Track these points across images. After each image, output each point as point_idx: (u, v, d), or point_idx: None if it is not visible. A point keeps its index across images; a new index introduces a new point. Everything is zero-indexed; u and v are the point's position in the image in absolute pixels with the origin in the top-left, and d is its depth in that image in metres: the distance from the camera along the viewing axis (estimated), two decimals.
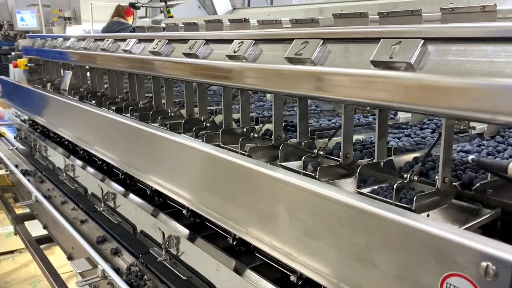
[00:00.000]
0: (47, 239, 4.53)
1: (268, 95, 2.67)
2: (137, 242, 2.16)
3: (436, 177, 1.16)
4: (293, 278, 1.31)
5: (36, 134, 3.62)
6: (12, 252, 6.00)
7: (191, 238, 1.67)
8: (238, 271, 1.43)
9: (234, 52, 1.55)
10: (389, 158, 1.34)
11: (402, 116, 2.03)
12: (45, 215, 3.41)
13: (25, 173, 3.60)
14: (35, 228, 5.40)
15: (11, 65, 6.66)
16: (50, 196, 3.14)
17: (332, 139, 1.57)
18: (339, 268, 1.00)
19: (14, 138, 4.19)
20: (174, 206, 1.95)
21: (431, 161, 1.34)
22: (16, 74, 5.88)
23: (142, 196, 2.13)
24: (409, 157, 1.45)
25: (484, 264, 0.74)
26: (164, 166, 1.66)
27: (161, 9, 9.67)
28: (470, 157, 1.17)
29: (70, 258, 3.06)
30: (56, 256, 5.68)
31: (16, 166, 3.80)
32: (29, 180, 3.40)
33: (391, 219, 0.88)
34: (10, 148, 4.17)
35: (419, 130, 1.86)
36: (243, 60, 1.52)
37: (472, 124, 1.71)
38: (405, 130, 1.87)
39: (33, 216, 4.75)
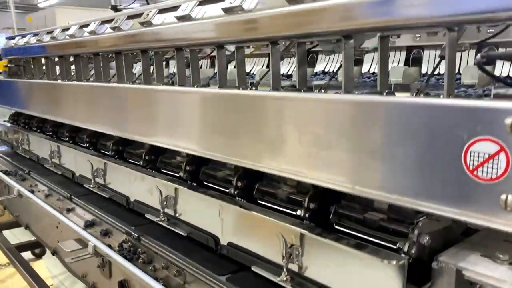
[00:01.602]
0: (27, 246, 4.40)
1: (257, 76, 2.68)
2: (128, 218, 2.11)
3: (441, 95, 1.18)
4: (299, 212, 1.30)
5: (19, 128, 3.53)
6: None
7: (192, 188, 1.63)
8: (244, 207, 1.41)
9: (230, 3, 1.55)
10: (391, 91, 1.36)
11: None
12: (27, 212, 3.30)
13: (4, 173, 3.49)
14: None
15: None
16: (34, 191, 3.05)
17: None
18: (353, 172, 0.99)
19: None
20: (169, 174, 1.91)
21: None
22: None
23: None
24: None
25: (509, 120, 0.74)
26: (168, 121, 1.64)
27: None
28: (478, 55, 1.19)
29: (55, 253, 2.95)
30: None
31: None
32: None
33: (412, 103, 0.88)
34: None
35: None
36: (240, 12, 1.53)
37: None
38: None
39: (9, 225, 4.61)
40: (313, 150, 1.06)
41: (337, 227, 1.24)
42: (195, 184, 1.78)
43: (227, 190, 1.55)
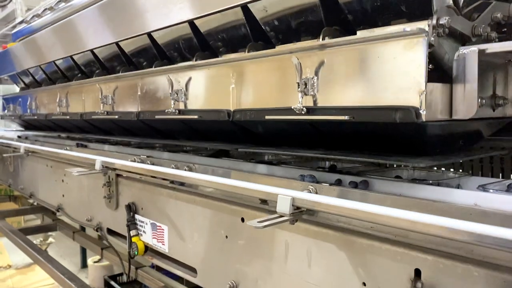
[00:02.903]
0: (30, 230, 4.31)
1: None
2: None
3: None
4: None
5: (26, 92, 3.54)
6: None
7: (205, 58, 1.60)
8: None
9: None
10: None
11: None
12: (31, 176, 3.27)
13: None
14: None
15: None
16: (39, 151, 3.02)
17: None
18: None
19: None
20: None
21: None
22: None
23: None
24: None
25: None
26: None
27: None
28: None
29: (59, 209, 2.90)
30: (36, 272, 5.41)
31: None
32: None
33: None
34: None
35: None
36: None
37: None
38: None
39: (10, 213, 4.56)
40: None
41: None
42: None
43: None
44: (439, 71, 1.10)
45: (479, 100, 1.01)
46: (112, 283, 4.79)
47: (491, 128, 1.20)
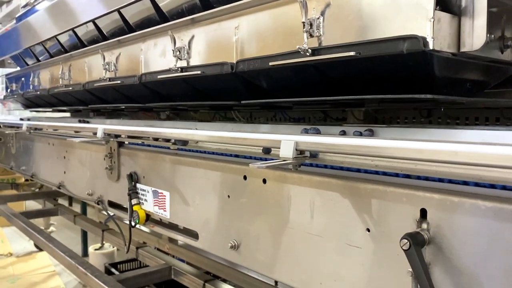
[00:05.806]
0: (31, 214, 4.30)
1: None
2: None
3: None
4: None
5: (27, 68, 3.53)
6: None
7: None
8: None
9: None
10: None
11: None
12: (32, 155, 3.26)
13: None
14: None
15: None
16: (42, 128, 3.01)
17: None
18: None
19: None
20: None
21: None
22: None
23: None
24: None
25: None
26: None
27: None
28: None
29: (60, 186, 2.89)
30: (37, 260, 5.41)
31: None
32: None
33: None
34: None
35: None
36: None
37: None
38: None
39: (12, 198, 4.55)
40: None
41: None
42: None
43: None
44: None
45: (488, 35, 0.99)
46: (113, 270, 4.78)
47: (498, 75, 1.18)
